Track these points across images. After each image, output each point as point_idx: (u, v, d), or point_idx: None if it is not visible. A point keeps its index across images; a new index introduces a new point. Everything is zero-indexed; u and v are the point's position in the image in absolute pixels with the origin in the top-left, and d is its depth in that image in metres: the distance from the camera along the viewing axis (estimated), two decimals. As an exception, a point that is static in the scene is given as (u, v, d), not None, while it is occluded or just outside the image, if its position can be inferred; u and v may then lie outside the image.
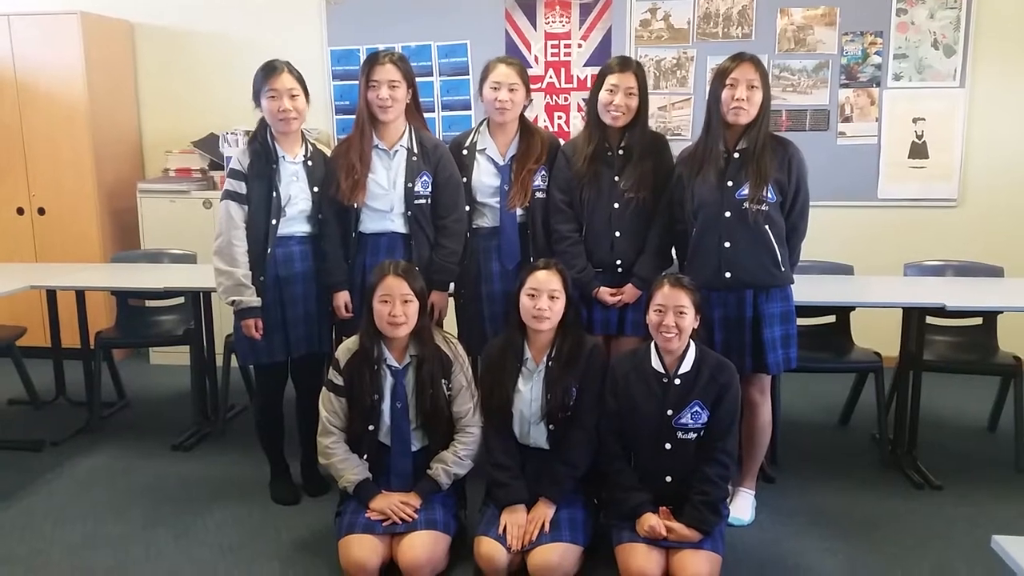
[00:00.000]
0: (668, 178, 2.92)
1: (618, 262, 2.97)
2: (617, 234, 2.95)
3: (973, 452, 3.59)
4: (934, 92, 4.54)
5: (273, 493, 3.16)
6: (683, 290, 2.52)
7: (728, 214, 2.76)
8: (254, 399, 3.18)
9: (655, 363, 2.58)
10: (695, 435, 2.54)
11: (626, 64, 2.89)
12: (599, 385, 2.62)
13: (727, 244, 2.77)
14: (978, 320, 3.69)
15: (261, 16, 4.92)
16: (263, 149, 2.88)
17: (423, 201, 2.93)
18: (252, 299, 2.86)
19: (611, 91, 2.86)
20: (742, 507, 2.97)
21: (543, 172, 3.01)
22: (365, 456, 2.64)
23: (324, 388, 2.69)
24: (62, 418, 3.99)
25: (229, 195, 2.87)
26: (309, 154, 2.96)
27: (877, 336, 3.68)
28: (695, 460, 2.54)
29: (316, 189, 2.93)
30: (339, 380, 2.64)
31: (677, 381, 2.54)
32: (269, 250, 2.87)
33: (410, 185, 2.90)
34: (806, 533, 2.90)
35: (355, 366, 2.61)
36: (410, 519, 2.51)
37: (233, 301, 2.87)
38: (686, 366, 2.56)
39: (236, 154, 2.94)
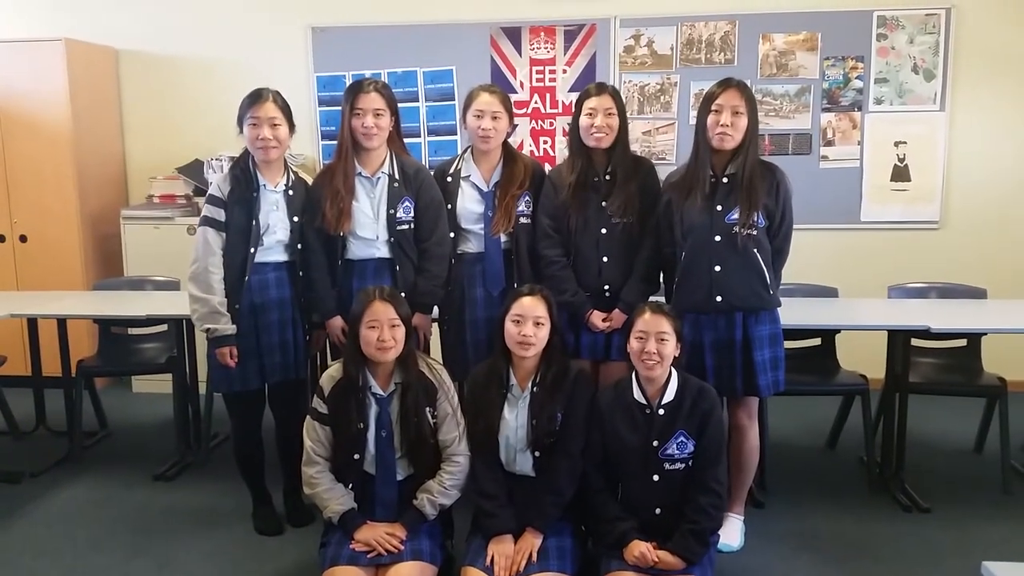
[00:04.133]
0: (654, 201, 2.94)
1: (606, 287, 2.97)
2: (605, 259, 2.95)
3: (960, 474, 3.59)
4: (915, 116, 4.59)
5: (256, 524, 3.12)
6: (664, 317, 2.52)
7: (718, 238, 2.77)
8: (232, 428, 3.14)
9: (637, 394, 2.56)
10: (682, 465, 2.52)
11: (602, 87, 2.95)
12: (585, 410, 2.60)
13: (717, 268, 2.78)
14: (963, 342, 3.71)
15: (247, 42, 4.93)
16: (244, 176, 2.87)
17: (406, 227, 2.93)
18: (227, 327, 2.84)
19: (591, 114, 2.90)
20: (731, 533, 2.95)
21: (527, 198, 3.02)
22: (351, 486, 2.61)
23: (308, 417, 2.66)
24: (42, 448, 3.92)
25: (207, 221, 2.86)
26: (291, 183, 2.95)
27: (863, 358, 3.68)
28: (684, 490, 2.52)
29: (296, 219, 2.92)
30: (323, 408, 2.61)
31: (661, 412, 2.52)
32: (246, 278, 2.86)
33: (392, 212, 2.90)
34: (795, 558, 2.89)
35: (339, 394, 2.58)
36: (396, 551, 2.47)
37: (208, 329, 2.85)
38: (669, 395, 2.54)
39: (216, 180, 2.93)
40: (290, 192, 2.93)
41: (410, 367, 2.59)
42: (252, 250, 2.85)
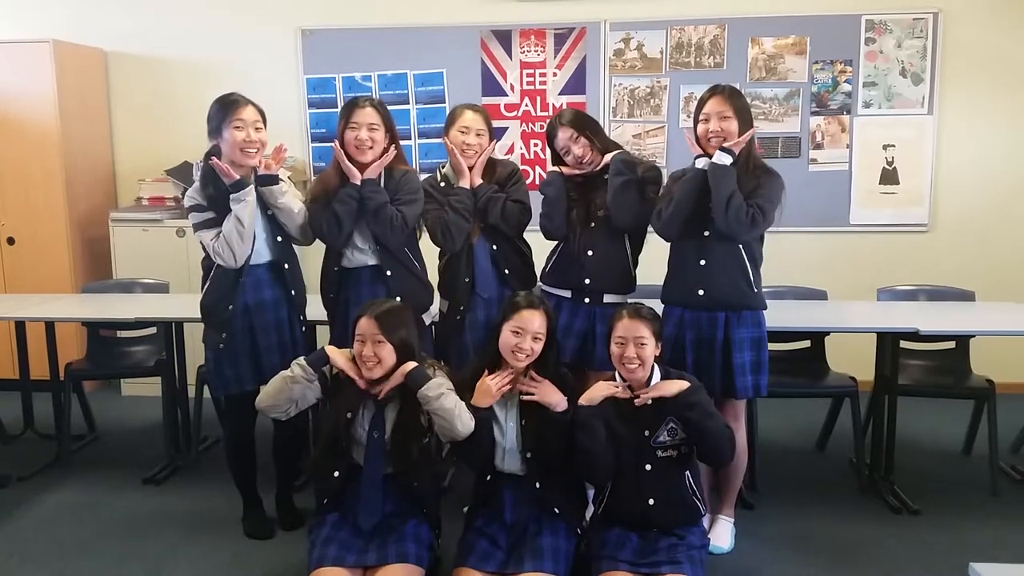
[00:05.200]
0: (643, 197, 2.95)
1: (587, 280, 2.98)
2: (589, 253, 2.97)
3: (949, 476, 3.61)
4: (903, 119, 4.63)
5: (246, 527, 3.11)
6: (642, 321, 2.55)
7: (707, 233, 2.80)
8: (224, 431, 3.12)
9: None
10: (675, 452, 2.56)
11: (560, 117, 3.02)
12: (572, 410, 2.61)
13: (703, 262, 2.81)
14: (951, 344, 3.73)
15: (236, 44, 4.92)
16: (217, 191, 2.84)
17: None
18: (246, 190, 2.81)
19: (564, 152, 3.00)
20: (722, 535, 2.96)
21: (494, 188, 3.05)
22: (336, 473, 2.60)
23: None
24: (30, 452, 3.90)
25: (204, 224, 2.84)
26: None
27: (852, 361, 3.70)
28: (678, 481, 2.57)
29: (270, 212, 2.91)
30: (328, 377, 2.62)
31: (649, 401, 2.55)
32: (241, 279, 2.86)
33: None
34: (786, 560, 2.89)
35: (344, 380, 2.60)
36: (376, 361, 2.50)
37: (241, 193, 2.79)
38: None
39: (191, 192, 2.90)
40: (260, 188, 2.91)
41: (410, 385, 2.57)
42: (249, 252, 2.85)
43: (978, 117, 4.59)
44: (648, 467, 2.55)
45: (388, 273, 2.92)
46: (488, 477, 2.67)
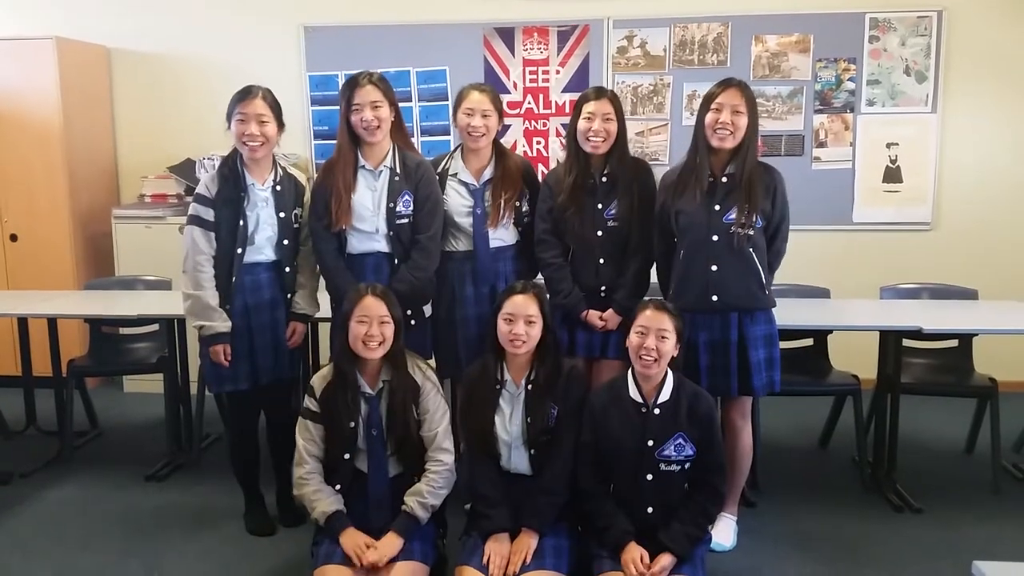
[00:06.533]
0: (650, 204, 2.94)
1: (602, 288, 2.97)
2: (601, 261, 2.96)
3: (951, 474, 3.60)
4: (907, 117, 4.61)
5: (248, 524, 3.11)
6: (667, 315, 2.51)
7: (715, 238, 2.78)
8: (228, 428, 3.12)
9: (633, 393, 2.55)
10: (678, 467, 2.51)
11: (601, 91, 2.95)
12: (578, 408, 2.60)
13: (714, 268, 2.79)
14: (954, 342, 3.72)
15: (239, 41, 4.92)
16: (232, 176, 2.84)
17: (405, 221, 2.89)
18: (220, 324, 2.82)
19: (588, 119, 2.90)
20: (724, 533, 2.96)
21: (526, 197, 3.05)
22: (338, 487, 2.59)
23: (301, 416, 2.65)
24: (32, 448, 3.90)
25: (194, 220, 2.85)
26: (279, 179, 2.92)
27: (855, 359, 3.69)
28: (678, 492, 2.53)
29: (283, 215, 2.90)
30: (315, 407, 2.61)
31: (656, 411, 2.51)
32: (234, 278, 2.84)
33: (391, 205, 2.88)
34: (788, 558, 2.89)
35: (331, 393, 2.58)
36: (373, 565, 2.43)
37: (200, 326, 2.83)
38: (664, 395, 2.53)
39: (205, 179, 2.90)
40: (278, 188, 2.91)
41: (398, 365, 2.58)
42: (240, 251, 2.84)
43: (982, 115, 4.58)
44: (649, 477, 2.50)
45: (396, 262, 2.91)
46: None
